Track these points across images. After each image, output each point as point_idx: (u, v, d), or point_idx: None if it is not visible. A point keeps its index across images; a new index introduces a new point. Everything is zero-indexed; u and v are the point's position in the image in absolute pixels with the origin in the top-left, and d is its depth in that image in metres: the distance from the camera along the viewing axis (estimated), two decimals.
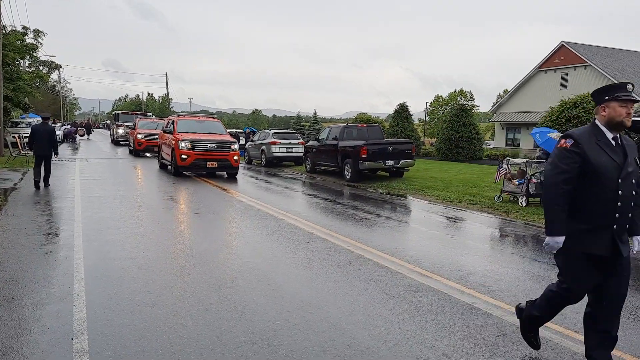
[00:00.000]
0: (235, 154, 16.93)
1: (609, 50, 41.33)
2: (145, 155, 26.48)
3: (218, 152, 16.55)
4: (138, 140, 25.97)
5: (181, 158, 16.16)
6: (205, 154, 16.34)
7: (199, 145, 16.34)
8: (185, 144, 16.24)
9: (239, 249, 7.45)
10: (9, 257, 6.52)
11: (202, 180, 16.29)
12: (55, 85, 75.44)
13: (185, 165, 16.27)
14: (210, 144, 16.58)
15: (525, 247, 8.56)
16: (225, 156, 16.64)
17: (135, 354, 3.91)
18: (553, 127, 24.63)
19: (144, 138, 25.89)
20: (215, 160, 16.42)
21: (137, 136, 26.18)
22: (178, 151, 16.26)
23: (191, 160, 16.17)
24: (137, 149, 26.04)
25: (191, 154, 16.16)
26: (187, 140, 16.36)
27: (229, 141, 17.09)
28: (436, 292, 5.71)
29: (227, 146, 16.85)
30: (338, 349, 4.13)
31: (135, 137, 26.36)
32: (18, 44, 25.47)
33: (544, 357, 4.12)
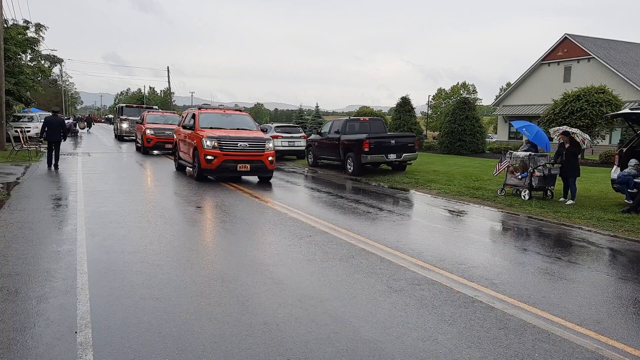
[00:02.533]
0: (271, 154, 14.18)
1: (613, 43, 41.12)
2: (155, 152, 24.08)
3: (250, 152, 13.82)
4: (147, 137, 23.37)
5: (206, 159, 13.51)
6: (236, 154, 13.62)
7: (227, 143, 13.62)
8: (211, 142, 13.54)
9: (242, 242, 7.46)
10: (13, 251, 6.54)
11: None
12: (57, 79, 75.43)
13: (212, 169, 13.62)
14: (241, 142, 13.80)
15: (528, 240, 8.55)
16: (258, 157, 13.91)
17: (139, 347, 3.92)
18: (556, 120, 24.57)
19: (154, 134, 23.39)
20: (248, 162, 13.71)
21: (145, 132, 23.54)
22: (202, 151, 13.60)
23: (218, 162, 13.48)
24: (146, 145, 23.46)
25: (218, 155, 13.45)
26: (213, 137, 13.65)
27: (262, 138, 14.37)
28: (438, 285, 5.72)
29: (261, 145, 14.06)
30: (341, 342, 4.14)
31: (143, 133, 23.74)
32: (20, 38, 25.43)
33: (547, 349, 4.13)
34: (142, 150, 24.04)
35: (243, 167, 13.69)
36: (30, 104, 33.35)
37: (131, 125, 32.25)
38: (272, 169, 14.41)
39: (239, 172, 13.85)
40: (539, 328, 4.56)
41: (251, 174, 14.27)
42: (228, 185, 13.45)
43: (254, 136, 14.41)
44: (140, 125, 25.33)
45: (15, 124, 27.59)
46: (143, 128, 24.04)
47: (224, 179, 14.41)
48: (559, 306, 5.15)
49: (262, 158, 13.95)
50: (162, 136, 23.23)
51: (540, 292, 5.59)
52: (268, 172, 14.40)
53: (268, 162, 14.07)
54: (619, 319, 4.91)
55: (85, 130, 46.67)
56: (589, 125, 24.07)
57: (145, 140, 23.45)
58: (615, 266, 7.10)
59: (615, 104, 24.59)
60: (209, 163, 13.51)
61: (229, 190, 12.71)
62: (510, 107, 43.97)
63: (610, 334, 4.48)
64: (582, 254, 7.66)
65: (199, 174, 13.96)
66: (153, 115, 26.29)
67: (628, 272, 6.66)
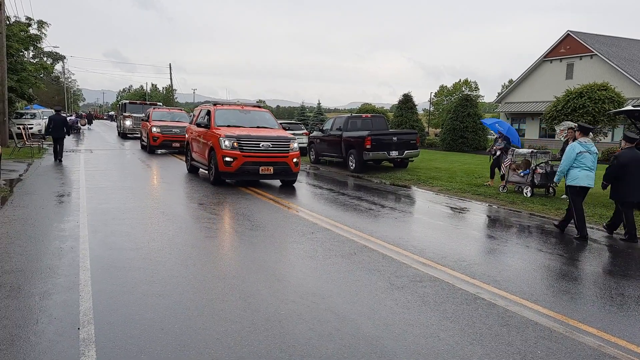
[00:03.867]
0: (295, 155, 12.85)
1: (616, 40, 40.98)
2: (159, 152, 22.76)
3: (274, 153, 12.51)
4: (153, 135, 22.10)
5: (225, 161, 12.21)
6: (257, 155, 12.33)
7: (248, 143, 12.31)
8: (230, 142, 12.22)
9: (244, 239, 7.46)
10: (15, 247, 6.56)
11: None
12: (60, 76, 75.47)
13: (231, 172, 12.30)
14: (264, 141, 12.45)
15: (530, 237, 8.54)
16: (282, 158, 12.60)
17: (141, 344, 3.93)
18: (558, 117, 24.52)
19: (160, 132, 22.17)
20: (271, 164, 12.41)
21: (151, 129, 22.27)
22: (220, 152, 12.29)
23: (238, 165, 12.17)
24: (152, 144, 22.20)
25: (238, 156, 12.16)
26: (232, 137, 12.34)
27: (286, 138, 12.97)
28: (440, 282, 5.72)
29: (285, 145, 12.73)
30: (343, 338, 4.14)
31: (149, 131, 22.41)
32: (22, 35, 25.41)
33: (549, 346, 4.13)
34: (147, 149, 22.85)
35: (265, 169, 12.37)
36: (33, 100, 33.35)
37: (135, 122, 31.52)
38: (297, 172, 13.12)
39: (260, 176, 12.51)
40: (542, 325, 4.56)
41: (274, 177, 12.84)
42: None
43: (277, 135, 12.96)
44: (145, 123, 24.00)
45: (17, 120, 27.63)
46: (149, 126, 22.77)
47: (241, 182, 13.27)
48: (561, 303, 5.15)
49: (287, 160, 12.66)
50: (169, 134, 22.19)
51: (542, 289, 5.59)
52: (292, 175, 13.08)
53: (293, 164, 12.76)
54: (622, 316, 4.91)
55: (86, 126, 47.18)
56: (592, 122, 24.00)
57: (151, 138, 22.22)
58: (618, 263, 7.09)
59: (617, 101, 24.52)
60: (228, 165, 12.22)
61: (238, 190, 12.72)
62: (512, 104, 43.88)
63: (612, 331, 4.48)
64: (584, 250, 7.65)
65: (215, 177, 12.68)
66: (159, 112, 24.97)
67: (630, 269, 6.66)
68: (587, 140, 8.63)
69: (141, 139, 25.25)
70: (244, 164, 12.21)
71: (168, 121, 23.46)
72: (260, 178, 12.74)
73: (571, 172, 8.53)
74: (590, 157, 8.55)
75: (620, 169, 8.37)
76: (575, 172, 8.49)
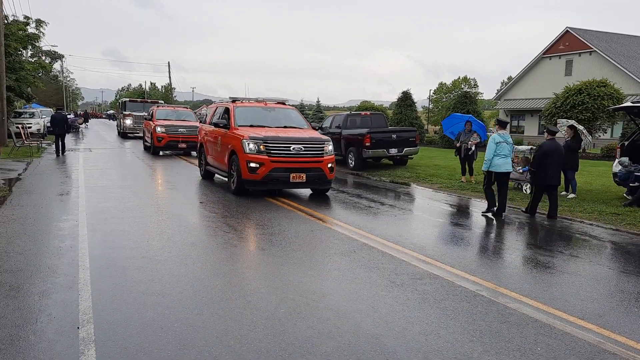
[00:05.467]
0: (330, 160, 11.20)
1: (615, 36, 40.95)
2: (163, 153, 21.20)
3: (307, 158, 10.81)
4: (157, 135, 20.54)
5: (249, 168, 10.51)
6: (288, 160, 10.63)
7: (277, 146, 10.65)
8: (255, 145, 10.55)
9: (243, 236, 7.46)
10: (14, 247, 6.55)
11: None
12: (58, 75, 75.34)
13: (257, 180, 10.62)
14: (295, 143, 10.77)
15: (529, 234, 8.55)
16: (316, 163, 10.90)
17: (141, 343, 3.93)
18: (558, 114, 24.53)
19: (165, 132, 20.61)
20: (303, 170, 10.73)
21: (155, 129, 20.70)
22: (244, 156, 10.62)
23: (266, 172, 10.48)
24: (157, 145, 20.66)
25: (265, 162, 10.45)
26: (258, 139, 10.64)
27: (320, 140, 11.31)
28: (440, 279, 5.72)
29: (319, 147, 11.08)
30: (343, 336, 4.14)
31: (153, 131, 20.85)
32: (20, 33, 25.37)
33: (549, 343, 4.13)
34: (151, 150, 21.31)
35: (297, 177, 10.67)
36: (32, 100, 33.32)
37: (135, 121, 30.63)
38: (331, 180, 11.51)
39: (291, 184, 10.84)
40: (541, 322, 4.56)
41: (307, 185, 11.17)
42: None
43: (310, 136, 11.27)
44: (149, 122, 22.41)
45: (16, 120, 27.58)
46: (152, 125, 21.18)
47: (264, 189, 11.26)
48: (561, 300, 5.15)
49: (321, 165, 10.95)
50: (175, 134, 20.69)
51: (542, 286, 5.59)
52: (327, 183, 11.41)
53: (328, 171, 11.08)
54: (622, 312, 4.91)
55: (83, 125, 47.63)
56: (591, 118, 24.02)
57: (155, 139, 20.66)
58: (617, 260, 7.10)
59: (617, 97, 24.52)
60: (253, 172, 10.53)
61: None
62: (512, 101, 43.87)
63: (612, 328, 4.48)
64: (583, 247, 7.65)
65: (238, 186, 10.99)
66: (164, 111, 23.38)
67: (630, 265, 6.66)
68: (504, 132, 9.81)
69: (144, 139, 23.84)
70: (272, 171, 10.52)
71: (173, 120, 22.05)
72: (290, 187, 11.17)
73: (492, 160, 9.63)
74: (507, 146, 9.69)
75: (542, 157, 9.51)
76: (496, 160, 9.60)
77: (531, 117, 42.04)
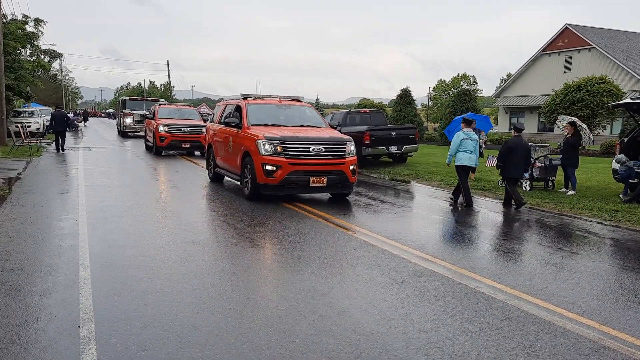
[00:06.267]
0: (352, 161, 10.33)
1: (614, 32, 40.93)
2: (165, 154, 20.47)
3: (328, 160, 9.98)
4: (160, 134, 19.75)
5: (265, 171, 9.73)
6: (307, 162, 9.83)
7: (295, 147, 9.81)
8: (271, 146, 9.76)
9: (242, 234, 7.46)
10: (15, 246, 6.55)
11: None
12: (57, 74, 75.26)
13: (273, 184, 9.79)
14: (315, 144, 9.91)
15: (529, 231, 8.55)
16: (338, 165, 10.06)
17: (142, 341, 3.93)
18: (557, 111, 24.54)
19: (168, 131, 19.83)
20: (324, 173, 9.90)
21: (158, 128, 19.93)
22: (259, 158, 9.78)
23: (283, 175, 9.68)
24: (159, 145, 19.88)
25: (283, 164, 9.64)
26: (275, 139, 9.83)
27: (342, 140, 10.39)
28: (440, 276, 5.72)
29: (341, 148, 10.20)
30: (343, 334, 4.15)
31: (155, 130, 20.12)
32: (19, 32, 25.34)
33: (549, 340, 4.13)
34: (153, 151, 20.52)
35: (317, 180, 9.83)
36: (31, 99, 33.28)
37: (135, 119, 30.21)
38: (353, 183, 10.61)
39: (311, 189, 10.06)
40: (541, 319, 4.57)
41: (327, 190, 10.33)
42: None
43: (330, 136, 10.42)
44: (150, 121, 21.54)
45: (15, 119, 27.56)
46: (155, 124, 20.39)
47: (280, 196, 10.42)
48: (561, 297, 5.16)
49: (343, 167, 10.11)
50: (178, 134, 19.93)
51: (542, 283, 5.60)
52: (349, 187, 10.58)
53: (350, 173, 10.22)
54: (621, 309, 4.92)
55: (82, 124, 47.95)
56: (590, 115, 24.02)
57: (157, 138, 19.88)
58: (617, 256, 7.10)
59: (616, 93, 24.52)
60: (269, 176, 9.72)
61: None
62: (511, 98, 43.85)
63: (612, 324, 4.49)
64: (583, 244, 7.66)
65: (252, 191, 10.13)
66: (166, 109, 22.55)
67: (630, 262, 6.67)
68: (468, 129, 10.59)
69: (146, 139, 23.09)
70: (290, 174, 9.72)
71: (176, 119, 21.22)
72: (310, 192, 10.41)
73: (457, 155, 10.48)
74: (472, 142, 10.45)
75: (508, 152, 10.32)
76: (459, 155, 10.45)
77: (530, 114, 42.04)
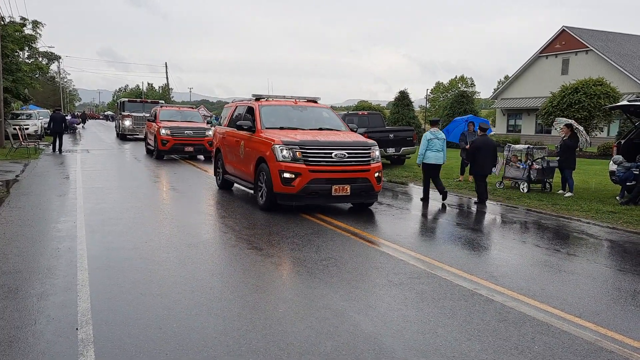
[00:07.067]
0: (378, 168, 9.50)
1: (611, 35, 41.07)
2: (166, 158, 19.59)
3: (351, 166, 9.14)
4: (162, 137, 18.94)
5: (283, 179, 8.89)
6: (329, 169, 9.00)
7: (316, 153, 8.99)
8: (290, 152, 8.92)
9: (240, 237, 7.46)
10: (12, 248, 6.54)
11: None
12: (55, 76, 75.18)
13: (292, 193, 8.94)
14: (337, 149, 9.05)
15: (527, 233, 8.57)
16: (363, 172, 9.23)
17: (140, 343, 3.93)
18: (554, 113, 24.60)
19: (170, 134, 18.99)
20: (347, 181, 9.06)
21: (159, 131, 19.08)
22: (275, 165, 8.97)
23: (303, 183, 8.85)
24: (161, 149, 19.06)
25: (303, 171, 8.85)
26: (293, 144, 9.01)
27: (366, 144, 9.52)
28: (438, 278, 5.74)
29: (365, 153, 9.36)
30: (341, 336, 4.15)
31: (157, 133, 19.24)
32: (17, 35, 25.34)
33: (546, 341, 4.15)
34: (155, 155, 19.68)
35: (340, 189, 8.98)
36: (29, 101, 33.28)
37: (135, 122, 29.78)
38: (378, 192, 9.79)
39: (334, 198, 9.20)
40: (539, 320, 4.58)
41: (351, 199, 9.47)
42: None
43: (354, 140, 9.55)
44: (152, 124, 20.75)
45: (13, 121, 27.54)
46: (156, 127, 19.57)
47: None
48: (558, 298, 5.18)
49: (368, 175, 9.26)
50: (181, 137, 19.10)
51: (539, 285, 5.61)
52: (373, 196, 9.69)
53: (375, 181, 9.38)
54: (618, 310, 4.94)
55: (80, 126, 48.20)
56: (587, 117, 24.10)
57: (159, 142, 19.03)
58: (614, 258, 7.13)
59: (613, 96, 24.61)
60: (287, 184, 8.89)
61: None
62: (509, 100, 43.94)
63: (609, 326, 4.50)
64: (580, 246, 7.68)
65: (269, 201, 9.29)
66: (168, 111, 21.67)
67: (626, 263, 6.69)
68: (436, 129, 11.22)
69: (146, 142, 22.13)
70: (311, 183, 8.89)
71: (179, 121, 20.39)
72: (332, 202, 9.56)
73: (426, 154, 11.01)
74: (438, 142, 11.03)
75: (475, 151, 11.05)
76: (427, 154, 11.00)
77: (528, 116, 42.13)
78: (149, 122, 21.65)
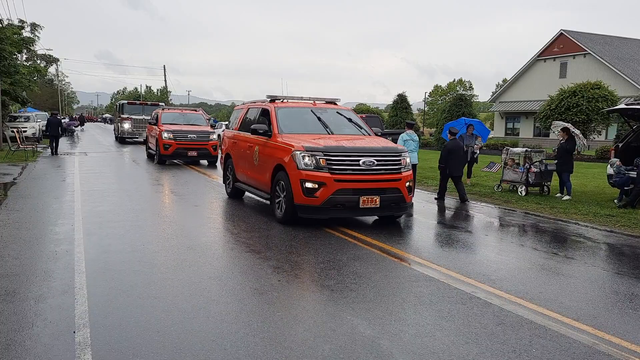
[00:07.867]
0: (408, 177, 8.66)
1: (609, 38, 41.21)
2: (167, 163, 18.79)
3: (381, 175, 8.30)
4: (164, 141, 17.97)
5: (305, 189, 8.07)
6: (357, 179, 8.15)
7: (341, 160, 8.15)
8: (312, 159, 8.09)
9: (239, 241, 7.45)
10: (10, 251, 6.53)
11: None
12: (53, 79, 75.15)
13: (315, 206, 8.09)
14: (365, 155, 8.23)
15: (525, 236, 8.58)
16: (393, 182, 8.38)
17: (137, 347, 3.93)
18: (552, 116, 24.65)
19: (173, 138, 18.05)
20: (377, 192, 8.21)
21: (162, 135, 18.11)
22: (296, 174, 8.17)
23: (328, 195, 8.00)
24: (163, 153, 18.11)
25: (327, 181, 8.00)
26: (316, 150, 8.18)
27: (396, 150, 8.77)
28: (436, 281, 5.74)
29: (396, 161, 8.53)
30: (339, 339, 4.15)
31: (159, 137, 18.31)
32: (15, 37, 25.33)
33: (544, 344, 4.15)
34: (156, 159, 18.76)
35: (369, 201, 8.12)
36: (27, 104, 33.25)
37: (134, 125, 29.12)
38: (409, 204, 8.98)
39: (361, 211, 8.32)
40: (536, 324, 4.58)
41: (380, 211, 8.55)
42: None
43: (382, 146, 8.76)
44: (153, 127, 19.89)
45: (11, 124, 27.52)
46: (158, 130, 18.65)
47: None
48: (555, 302, 5.18)
49: (399, 184, 8.42)
50: (184, 141, 18.17)
51: (537, 288, 5.62)
52: (404, 208, 8.80)
53: (406, 191, 8.54)
54: (616, 313, 4.94)
55: (78, 128, 48.40)
56: (585, 120, 24.15)
57: (161, 146, 18.08)
58: (612, 261, 7.14)
59: (611, 99, 24.68)
60: (310, 195, 8.05)
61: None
62: (507, 104, 44.03)
63: (607, 329, 4.50)
64: (578, 249, 7.69)
65: (289, 213, 8.44)
66: (170, 114, 20.58)
67: (624, 267, 6.70)
68: (411, 132, 12.06)
69: (147, 146, 21.29)
70: (336, 193, 8.01)
71: (182, 124, 19.51)
72: (359, 215, 8.82)
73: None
74: (413, 143, 11.86)
75: (448, 154, 11.63)
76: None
77: (526, 119, 42.21)
78: (150, 125, 20.78)
